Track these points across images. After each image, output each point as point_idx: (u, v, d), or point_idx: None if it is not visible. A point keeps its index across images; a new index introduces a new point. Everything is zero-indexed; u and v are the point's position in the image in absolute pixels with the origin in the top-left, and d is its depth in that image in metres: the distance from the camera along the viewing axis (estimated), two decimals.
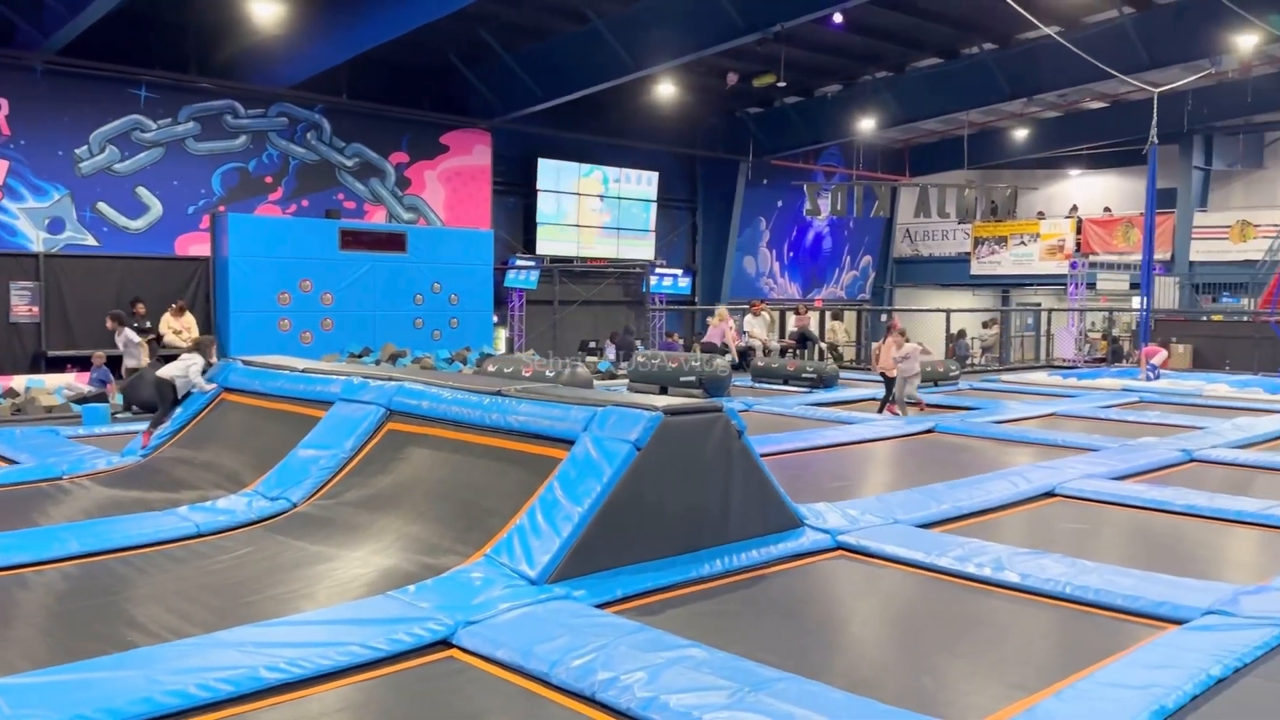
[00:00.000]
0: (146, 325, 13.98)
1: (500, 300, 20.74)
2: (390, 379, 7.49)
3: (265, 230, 15.85)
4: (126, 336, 11.92)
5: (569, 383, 11.18)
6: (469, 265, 17.75)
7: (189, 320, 14.28)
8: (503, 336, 21.39)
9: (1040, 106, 24.53)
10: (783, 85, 19.02)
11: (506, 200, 22.03)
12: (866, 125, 22.80)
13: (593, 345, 21.68)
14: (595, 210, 23.24)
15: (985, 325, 26.70)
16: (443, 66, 19.38)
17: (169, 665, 3.83)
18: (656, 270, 23.76)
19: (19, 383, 12.65)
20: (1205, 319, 22.39)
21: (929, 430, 10.95)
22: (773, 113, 24.25)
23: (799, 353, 18.46)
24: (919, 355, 12.68)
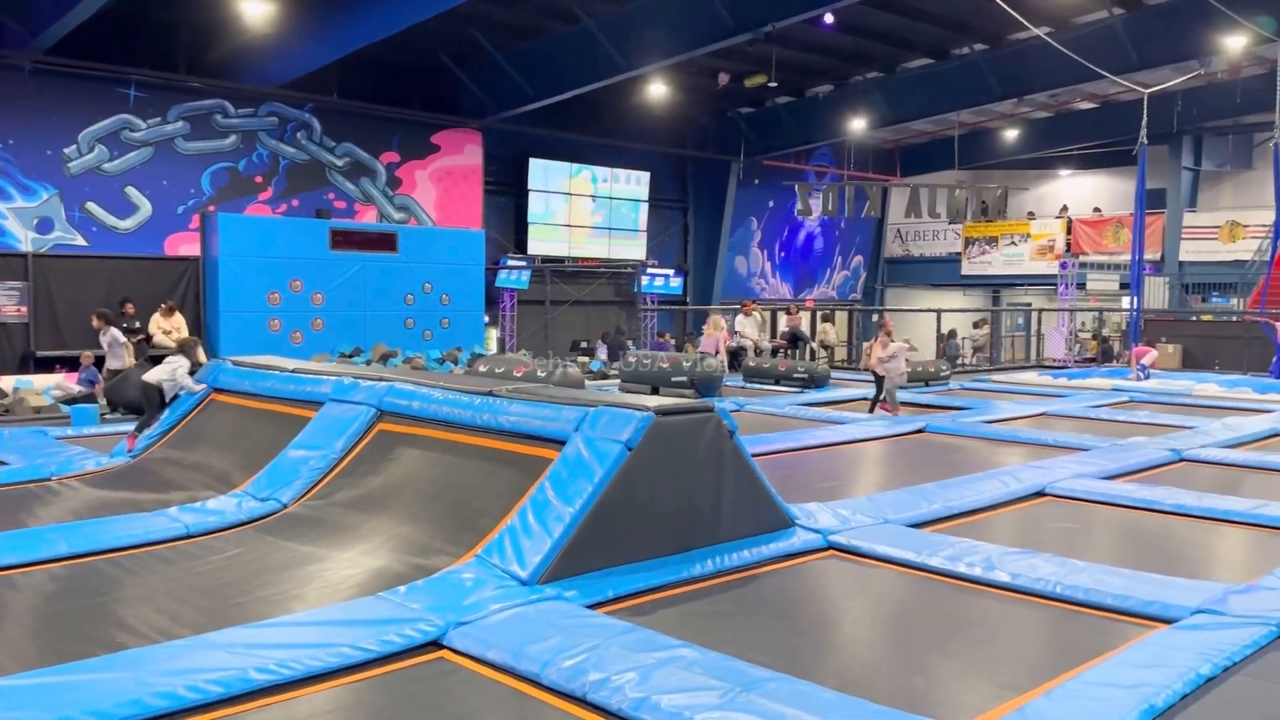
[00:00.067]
0: (136, 325, 13.93)
1: (491, 300, 20.71)
2: (381, 379, 7.48)
3: (255, 230, 15.82)
4: (112, 336, 11.78)
5: (560, 383, 11.17)
6: (460, 265, 17.74)
7: (179, 320, 14.25)
8: (494, 337, 21.37)
9: (1030, 107, 24.60)
10: (774, 85, 19.05)
11: (498, 200, 22.00)
12: (857, 125, 22.84)
13: (584, 345, 21.66)
14: (587, 210, 23.23)
15: (976, 325, 26.77)
16: (434, 66, 19.35)
17: (158, 667, 3.82)
18: (648, 270, 23.75)
19: (7, 383, 12.61)
20: (1195, 319, 22.48)
21: (920, 430, 10.98)
22: (764, 113, 24.27)
23: (790, 353, 18.48)
24: (905, 354, 12.68)
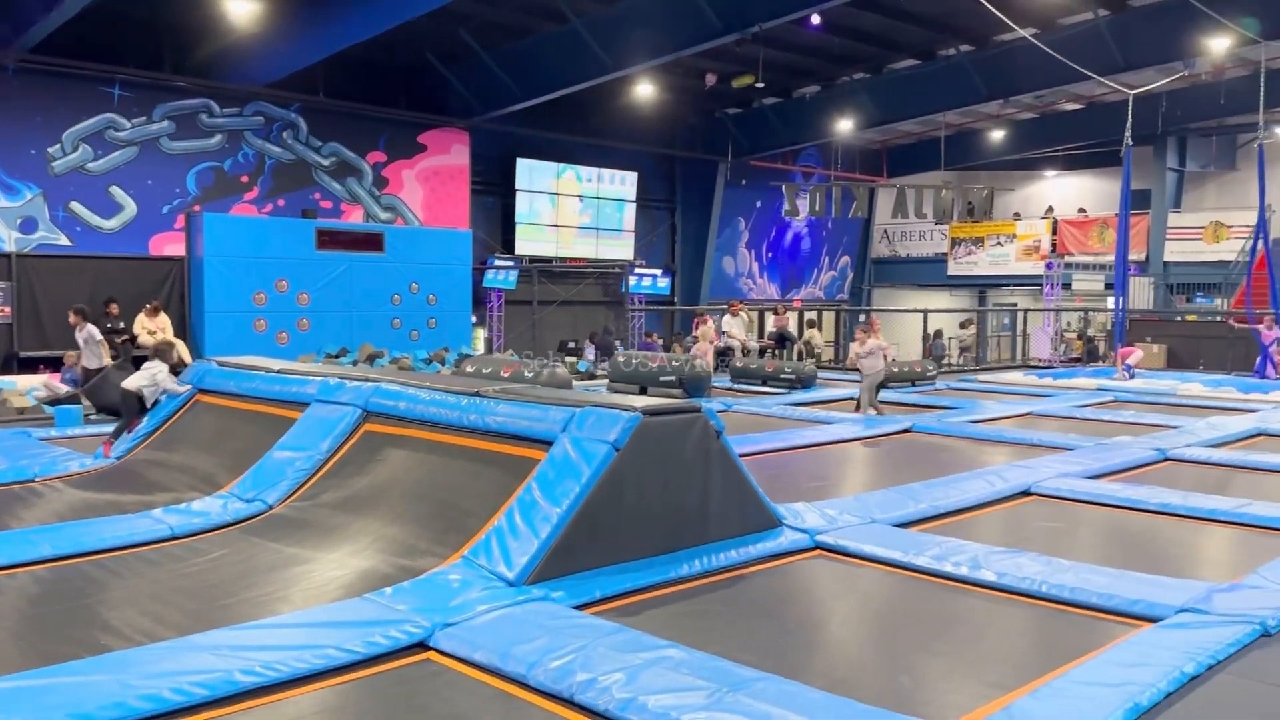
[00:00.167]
0: (120, 326, 13.86)
1: (479, 300, 20.66)
2: (367, 380, 7.46)
3: (241, 230, 15.74)
4: (88, 332, 11.60)
5: (548, 383, 11.16)
6: (447, 265, 17.69)
7: (164, 321, 14.18)
8: (481, 337, 21.32)
9: (1016, 108, 24.69)
10: (761, 86, 19.06)
11: (485, 200, 21.96)
12: (844, 126, 22.88)
13: (572, 345, 21.64)
14: (574, 210, 23.20)
15: (962, 325, 26.87)
16: (420, 65, 19.30)
17: (142, 669, 3.80)
18: (636, 270, 23.76)
19: None
20: (1179, 319, 22.61)
21: (906, 430, 11.01)
22: (751, 113, 24.29)
23: (777, 353, 18.51)
24: (883, 352, 12.68)
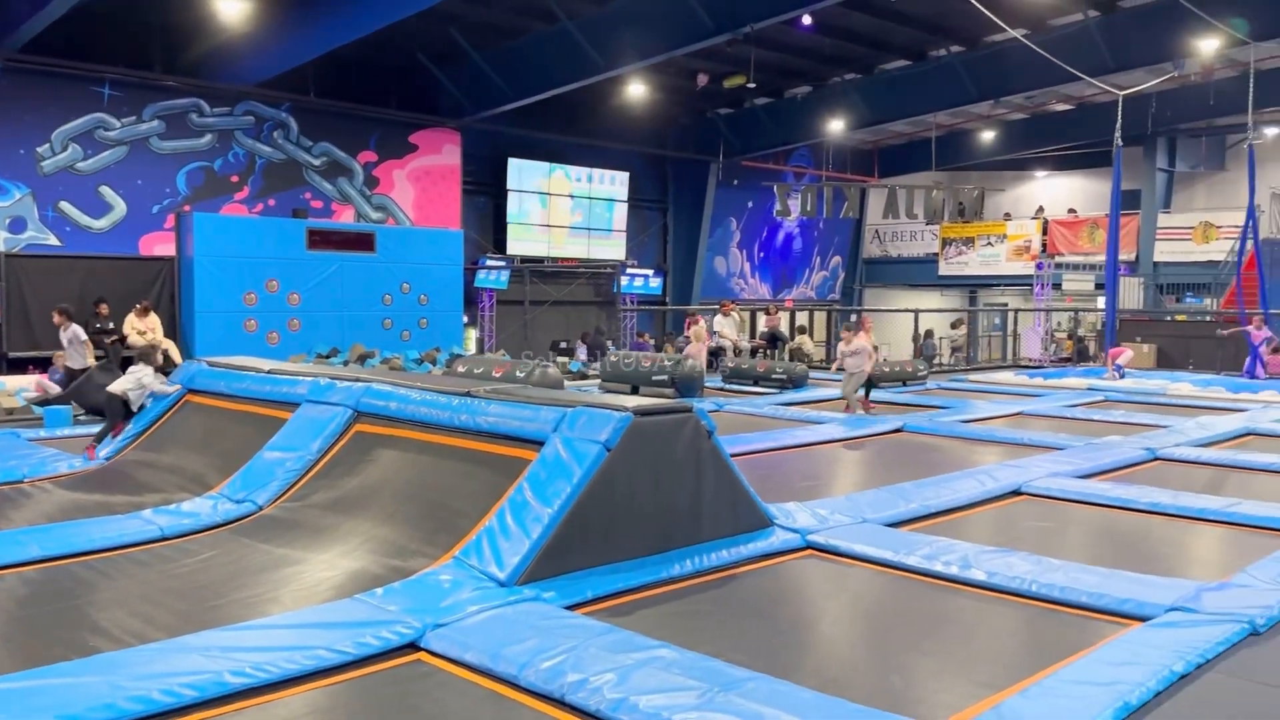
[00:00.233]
0: (110, 326, 13.80)
1: (470, 300, 20.65)
2: (358, 380, 7.44)
3: (231, 230, 15.69)
4: (73, 332, 11.45)
5: (539, 383, 11.15)
6: (438, 265, 17.66)
7: (153, 321, 14.12)
8: (473, 337, 21.30)
9: (1007, 108, 24.75)
10: (752, 86, 19.07)
11: (476, 200, 21.93)
12: (836, 127, 22.91)
13: (564, 345, 21.63)
14: (566, 210, 23.18)
15: (953, 325, 26.92)
16: (411, 65, 19.26)
17: (132, 670, 3.78)
18: (627, 270, 23.76)
19: None
20: (1169, 319, 22.69)
21: (897, 429, 11.03)
22: (743, 114, 24.31)
23: (769, 353, 18.52)
24: (868, 353, 12.69)
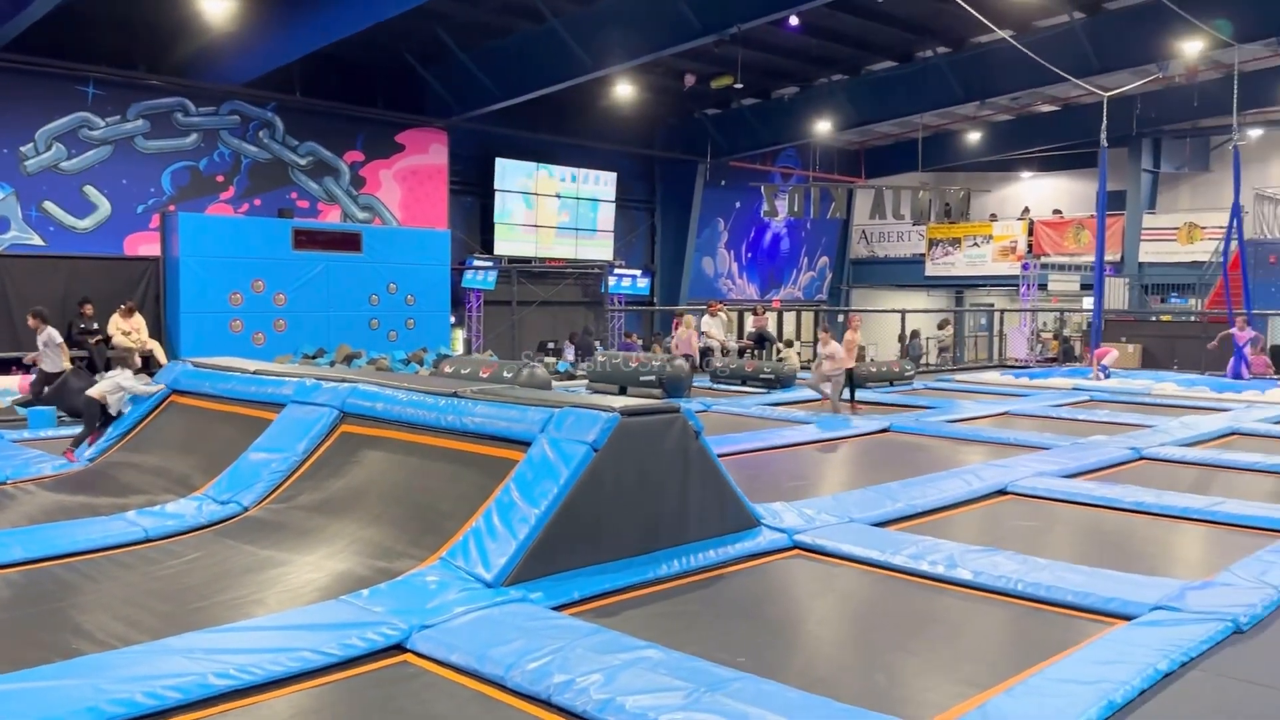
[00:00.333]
0: (94, 327, 13.72)
1: (457, 301, 20.60)
2: (344, 380, 7.41)
3: (217, 230, 15.62)
4: (48, 335, 11.17)
5: (527, 384, 11.13)
6: (425, 265, 17.62)
7: (138, 321, 14.04)
8: (460, 337, 21.26)
9: (993, 110, 24.85)
10: (740, 87, 19.10)
11: (464, 200, 21.89)
12: (823, 127, 22.96)
13: (551, 346, 21.61)
14: (553, 211, 23.15)
15: (940, 326, 26.99)
16: (398, 64, 19.20)
17: (115, 673, 3.76)
18: (615, 271, 23.75)
19: None
20: (1154, 319, 22.82)
21: (884, 429, 11.06)
22: (730, 114, 24.33)
23: (757, 353, 18.54)
24: (841, 356, 12.75)
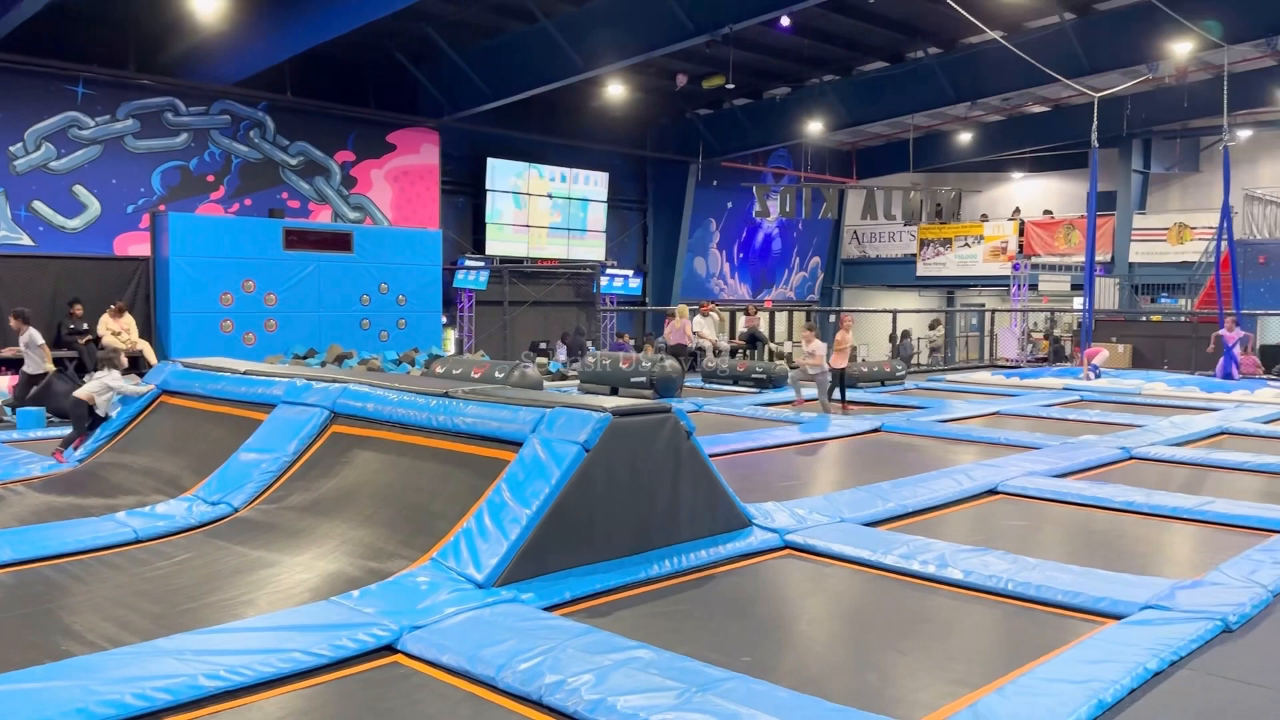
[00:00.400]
0: (84, 327, 13.67)
1: (449, 301, 20.57)
2: (335, 381, 7.40)
3: (207, 230, 15.58)
4: (29, 337, 11.03)
5: (518, 384, 11.13)
6: (417, 265, 17.60)
7: (128, 321, 14.01)
8: (452, 338, 21.23)
9: (984, 110, 24.91)
10: (731, 87, 19.10)
11: (455, 200, 21.85)
12: (814, 128, 22.99)
13: (543, 346, 21.60)
14: (545, 211, 23.14)
15: (931, 326, 27.07)
16: (390, 64, 19.17)
17: (105, 675, 3.75)
18: (607, 271, 23.75)
19: None
20: (1144, 319, 22.91)
21: (875, 429, 11.08)
22: (722, 114, 24.35)
23: (748, 353, 18.56)
24: (822, 355, 12.81)
